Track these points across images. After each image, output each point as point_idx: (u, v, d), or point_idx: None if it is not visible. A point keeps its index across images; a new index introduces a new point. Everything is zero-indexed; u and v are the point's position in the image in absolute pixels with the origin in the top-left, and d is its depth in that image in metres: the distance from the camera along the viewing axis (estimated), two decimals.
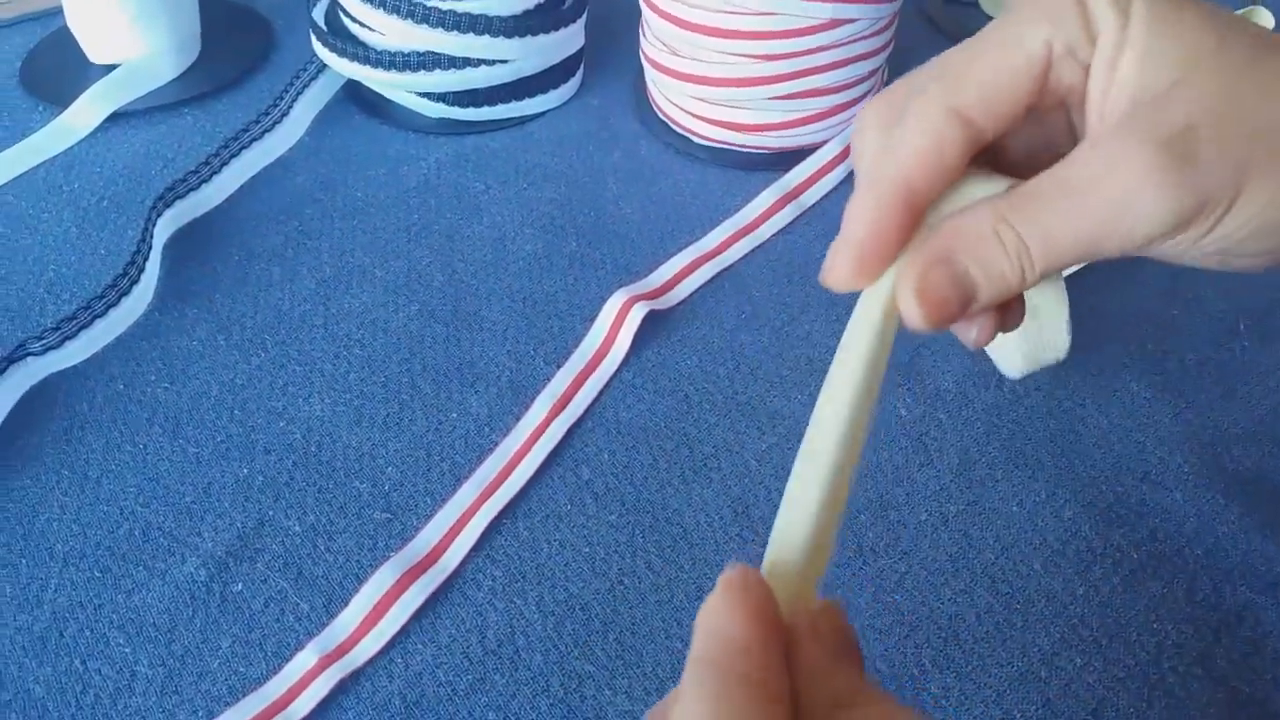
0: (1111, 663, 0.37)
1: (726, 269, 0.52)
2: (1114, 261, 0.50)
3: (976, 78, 0.24)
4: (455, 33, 0.55)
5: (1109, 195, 0.22)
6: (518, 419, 0.45)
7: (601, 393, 0.46)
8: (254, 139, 0.58)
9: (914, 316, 0.24)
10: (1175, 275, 0.50)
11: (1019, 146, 0.27)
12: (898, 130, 0.25)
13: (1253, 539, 0.40)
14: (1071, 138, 0.26)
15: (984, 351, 0.46)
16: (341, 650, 0.37)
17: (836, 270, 0.26)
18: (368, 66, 0.57)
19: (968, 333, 0.27)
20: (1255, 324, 0.48)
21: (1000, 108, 0.24)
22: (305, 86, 0.61)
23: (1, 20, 0.69)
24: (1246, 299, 0.49)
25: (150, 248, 0.51)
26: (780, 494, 0.42)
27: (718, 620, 0.21)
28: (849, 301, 0.50)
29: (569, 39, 0.60)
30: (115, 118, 0.61)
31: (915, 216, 0.25)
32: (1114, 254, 0.23)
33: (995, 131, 0.25)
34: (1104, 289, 0.50)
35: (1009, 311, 0.28)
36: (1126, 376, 0.46)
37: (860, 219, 0.25)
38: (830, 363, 0.48)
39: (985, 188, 0.25)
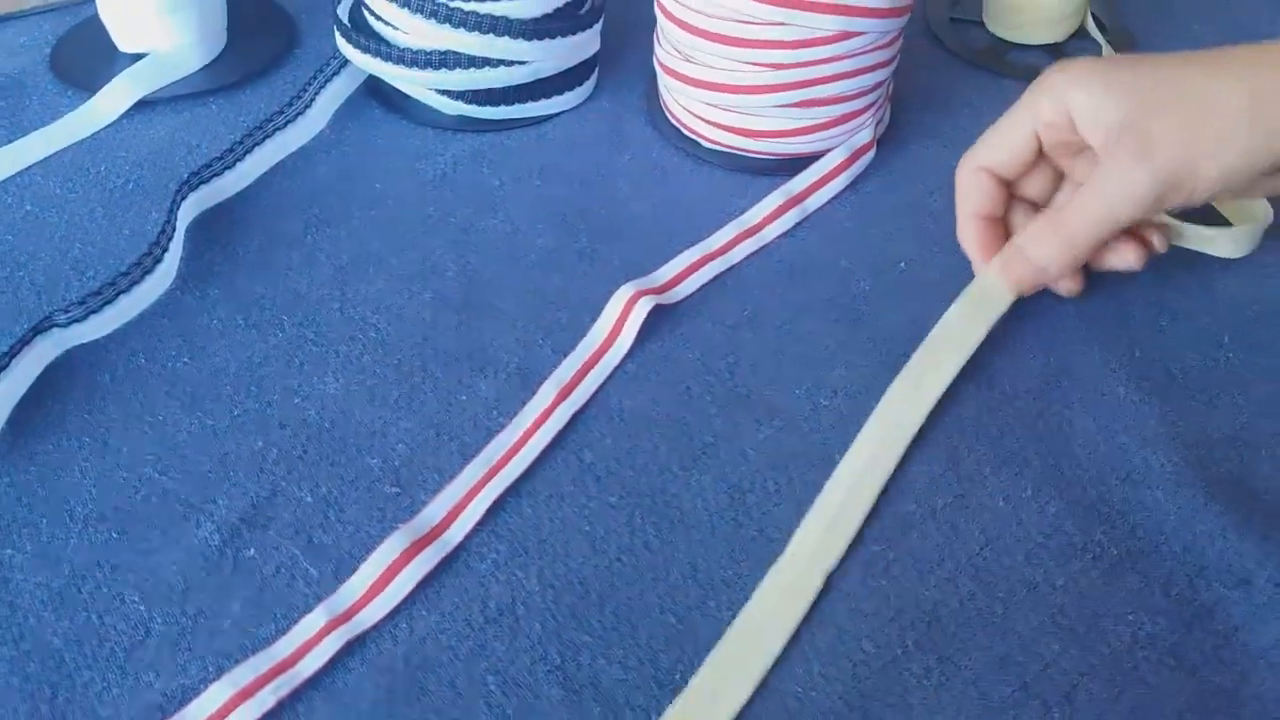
0: (1087, 650, 0.38)
1: (730, 268, 0.54)
2: (1106, 274, 0.51)
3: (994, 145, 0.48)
4: (476, 33, 0.57)
5: (1111, 189, 0.42)
6: (524, 403, 0.46)
7: (605, 382, 0.48)
8: (276, 129, 0.59)
9: (1002, 284, 0.47)
10: (1163, 288, 0.52)
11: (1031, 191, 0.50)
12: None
13: (1229, 537, 0.41)
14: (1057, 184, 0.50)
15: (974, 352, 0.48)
16: (349, 614, 0.39)
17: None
18: (389, 63, 0.59)
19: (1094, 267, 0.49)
20: (1238, 337, 0.50)
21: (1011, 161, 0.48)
22: (327, 81, 0.62)
23: (34, 8, 0.71)
24: (1231, 313, 0.51)
25: (174, 230, 0.53)
26: (775, 484, 0.43)
27: None
28: (846, 304, 0.51)
29: (586, 43, 0.62)
30: (142, 105, 0.62)
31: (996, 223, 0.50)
32: (1128, 224, 0.44)
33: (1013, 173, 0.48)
34: (1097, 298, 0.51)
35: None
36: (1114, 381, 0.48)
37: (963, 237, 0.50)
38: (829, 360, 0.51)
39: None
